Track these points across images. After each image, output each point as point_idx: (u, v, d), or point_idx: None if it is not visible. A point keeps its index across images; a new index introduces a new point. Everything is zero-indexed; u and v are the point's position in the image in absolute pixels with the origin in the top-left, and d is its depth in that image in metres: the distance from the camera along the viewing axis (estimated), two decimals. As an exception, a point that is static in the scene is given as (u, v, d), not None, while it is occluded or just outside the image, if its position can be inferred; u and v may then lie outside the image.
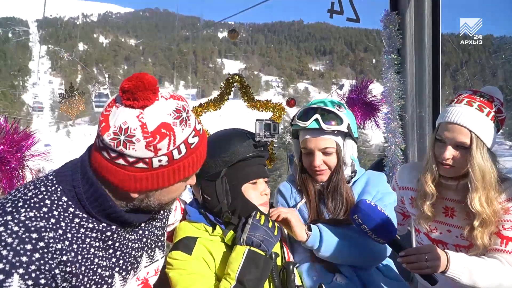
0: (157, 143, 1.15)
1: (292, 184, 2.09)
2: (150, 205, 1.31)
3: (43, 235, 1.11)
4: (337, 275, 1.88)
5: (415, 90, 2.89)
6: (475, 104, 1.87)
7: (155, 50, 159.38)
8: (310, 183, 2.01)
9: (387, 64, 2.88)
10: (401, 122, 2.90)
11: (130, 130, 1.13)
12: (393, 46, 2.85)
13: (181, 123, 1.19)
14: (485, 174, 1.85)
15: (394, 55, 2.85)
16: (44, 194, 1.19)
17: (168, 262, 1.64)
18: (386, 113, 2.92)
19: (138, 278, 1.49)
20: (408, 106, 2.91)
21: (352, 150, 1.98)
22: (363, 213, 1.70)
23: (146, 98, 1.15)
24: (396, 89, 2.86)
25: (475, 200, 1.87)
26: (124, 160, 1.16)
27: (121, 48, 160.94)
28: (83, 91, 5.36)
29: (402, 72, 2.88)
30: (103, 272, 1.28)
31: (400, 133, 2.87)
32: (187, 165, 1.25)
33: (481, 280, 1.75)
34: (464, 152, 1.87)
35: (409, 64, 2.88)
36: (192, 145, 1.23)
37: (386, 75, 2.89)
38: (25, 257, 1.07)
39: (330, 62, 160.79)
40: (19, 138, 2.01)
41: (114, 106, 1.18)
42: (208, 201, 1.70)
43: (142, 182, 1.21)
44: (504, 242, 1.85)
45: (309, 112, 1.93)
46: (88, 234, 1.24)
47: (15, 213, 1.12)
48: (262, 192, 1.73)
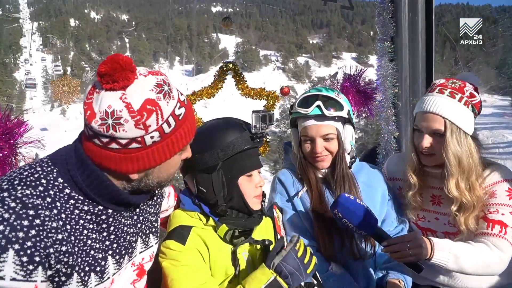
0: (146, 120, 1.16)
1: (292, 173, 2.10)
2: (149, 184, 1.32)
3: (39, 212, 1.12)
4: (332, 264, 1.93)
5: (409, 78, 2.89)
6: (446, 91, 1.93)
7: (149, 25, 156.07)
8: (311, 171, 2.03)
9: (380, 52, 2.86)
10: (395, 110, 2.91)
11: (116, 113, 1.14)
12: (386, 34, 2.83)
13: (165, 97, 1.20)
14: (462, 159, 1.89)
15: (388, 43, 2.84)
16: (40, 174, 1.20)
17: (162, 251, 1.65)
18: (380, 101, 2.92)
19: (134, 264, 1.50)
20: (402, 94, 2.91)
21: (351, 135, 2.01)
22: (342, 207, 1.73)
23: (125, 78, 1.16)
24: (389, 77, 2.85)
25: (451, 185, 1.92)
26: (116, 144, 1.17)
27: (113, 23, 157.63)
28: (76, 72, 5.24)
29: (396, 60, 2.86)
30: (96, 254, 1.29)
31: (393, 121, 2.88)
32: (179, 137, 1.26)
33: (468, 265, 1.79)
34: (440, 139, 1.92)
35: (403, 52, 2.86)
36: (180, 116, 1.24)
37: (380, 63, 2.88)
38: (22, 232, 1.07)
39: (327, 35, 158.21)
40: (11, 125, 1.99)
41: (94, 92, 1.19)
42: (203, 193, 1.71)
43: (139, 162, 1.22)
44: (490, 225, 1.89)
45: (309, 99, 1.95)
46: (82, 216, 1.25)
47: (11, 190, 1.12)
48: (257, 185, 1.74)
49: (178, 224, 1.70)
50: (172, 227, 1.71)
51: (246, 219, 1.74)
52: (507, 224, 1.87)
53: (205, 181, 1.69)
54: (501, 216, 1.89)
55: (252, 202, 1.72)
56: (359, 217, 1.73)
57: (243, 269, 1.70)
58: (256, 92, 3.38)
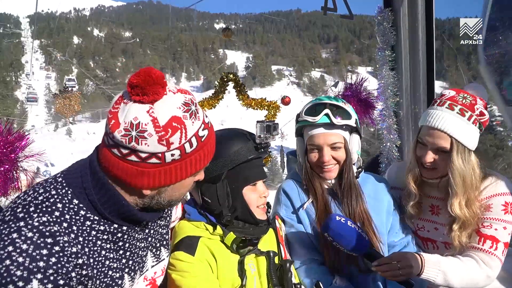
0: (170, 137, 1.15)
1: (297, 183, 2.07)
2: (161, 202, 1.31)
3: (58, 239, 1.12)
4: (337, 277, 1.89)
5: (410, 87, 2.88)
6: (456, 108, 1.87)
7: (154, 41, 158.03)
8: (317, 181, 2.00)
9: (381, 61, 2.87)
10: (396, 118, 2.90)
11: (141, 126, 1.13)
12: (387, 43, 2.84)
13: (191, 116, 1.20)
14: (466, 177, 1.87)
15: (388, 52, 2.84)
16: (56, 198, 1.19)
17: (171, 262, 1.63)
18: (381, 110, 2.91)
19: (146, 278, 1.48)
20: (403, 103, 2.90)
21: (358, 145, 1.99)
22: (333, 232, 1.71)
23: (155, 93, 1.15)
24: (390, 86, 2.85)
25: (455, 205, 1.89)
26: (136, 157, 1.16)
27: (117, 40, 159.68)
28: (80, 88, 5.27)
29: (396, 69, 2.87)
30: (114, 274, 1.29)
31: (395, 130, 2.87)
32: (198, 159, 1.25)
33: (456, 281, 1.80)
34: (445, 156, 1.89)
35: (403, 60, 2.86)
36: (203, 138, 1.24)
37: (381, 72, 2.88)
38: (42, 262, 1.07)
39: (335, 50, 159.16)
40: (12, 139, 2.00)
41: (122, 102, 1.18)
42: (208, 203, 1.70)
43: (155, 178, 1.21)
44: (482, 240, 1.88)
45: (317, 107, 1.93)
46: (99, 236, 1.24)
47: (27, 218, 1.12)
48: (262, 194, 1.74)
49: (185, 235, 1.69)
50: (178, 238, 1.70)
51: (253, 229, 1.73)
52: (499, 240, 1.86)
53: (210, 191, 1.69)
54: (494, 231, 1.87)
55: (257, 212, 1.72)
56: (350, 241, 1.71)
57: (250, 281, 1.70)
58: (257, 103, 3.38)
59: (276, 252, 1.78)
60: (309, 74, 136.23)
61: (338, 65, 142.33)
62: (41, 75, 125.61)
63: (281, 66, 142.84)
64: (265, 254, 1.74)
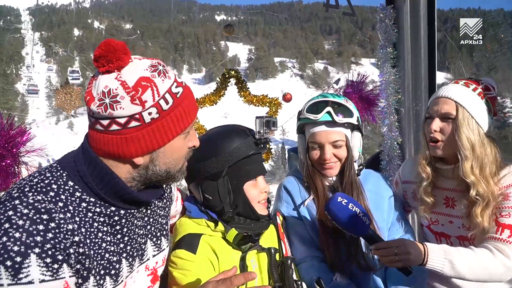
0: (141, 95, 1.18)
1: (298, 181, 2.08)
2: (157, 172, 1.31)
3: (53, 216, 1.12)
4: (337, 274, 1.90)
5: (411, 84, 2.88)
6: (461, 82, 1.96)
7: (155, 33, 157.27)
8: (318, 179, 2.00)
9: (383, 58, 2.86)
10: (398, 116, 2.89)
11: (112, 91, 1.17)
12: (388, 40, 2.82)
13: (160, 75, 1.23)
14: (475, 145, 1.86)
15: (390, 49, 2.83)
16: (50, 179, 1.21)
17: (172, 260, 1.64)
18: (383, 107, 2.91)
19: (148, 268, 1.49)
20: (405, 100, 2.90)
21: (359, 142, 2.00)
22: (331, 212, 1.73)
23: (119, 59, 1.19)
24: (392, 83, 2.85)
25: (466, 168, 1.87)
26: (116, 125, 1.19)
27: (118, 32, 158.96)
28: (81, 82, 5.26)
29: (398, 66, 2.86)
30: (111, 257, 1.29)
31: (396, 127, 2.87)
32: (179, 116, 1.26)
33: (467, 272, 1.75)
34: (450, 125, 1.90)
35: (405, 58, 2.85)
36: (178, 94, 1.26)
37: (382, 69, 2.87)
38: (39, 236, 1.08)
39: (338, 42, 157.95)
40: (14, 133, 2.00)
41: (93, 80, 1.22)
42: (209, 200, 1.71)
43: (140, 142, 1.22)
44: (500, 229, 1.84)
45: (319, 105, 1.94)
46: (96, 218, 1.25)
47: (22, 197, 1.13)
48: (262, 190, 1.75)
49: (186, 232, 1.70)
50: (179, 236, 1.70)
51: (254, 224, 1.74)
52: None
53: (211, 188, 1.70)
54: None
55: (258, 207, 1.73)
56: (347, 224, 1.72)
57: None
58: (259, 99, 3.39)
59: (277, 249, 1.79)
60: (312, 66, 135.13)
61: (341, 57, 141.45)
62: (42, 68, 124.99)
63: (283, 58, 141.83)
64: (267, 251, 1.75)
